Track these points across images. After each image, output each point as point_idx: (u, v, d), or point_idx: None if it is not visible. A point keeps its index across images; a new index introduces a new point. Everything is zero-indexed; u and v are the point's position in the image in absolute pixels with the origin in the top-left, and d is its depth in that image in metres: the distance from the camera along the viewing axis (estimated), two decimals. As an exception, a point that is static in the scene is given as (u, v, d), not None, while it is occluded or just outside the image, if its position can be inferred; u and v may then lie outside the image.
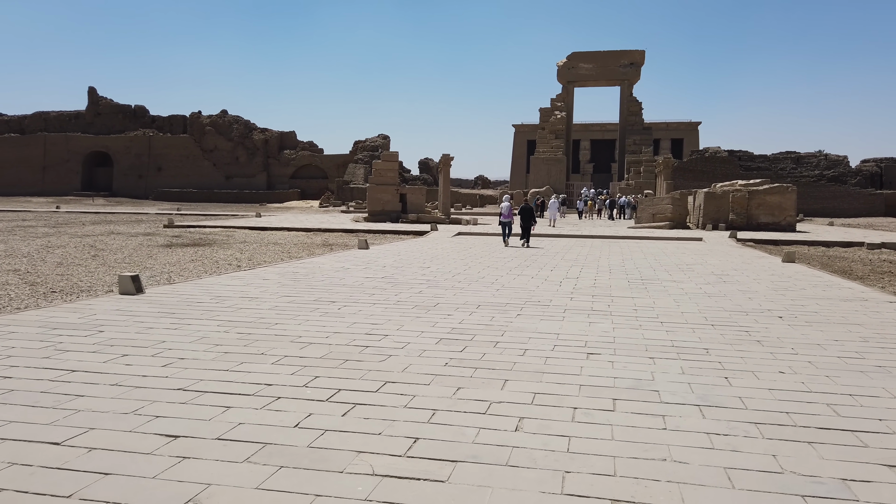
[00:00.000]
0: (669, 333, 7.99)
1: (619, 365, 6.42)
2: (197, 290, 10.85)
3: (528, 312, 9.34)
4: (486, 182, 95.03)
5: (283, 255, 18.73)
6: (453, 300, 10.30)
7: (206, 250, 19.95)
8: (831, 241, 26.33)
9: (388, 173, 38.24)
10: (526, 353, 6.86)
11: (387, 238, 26.96)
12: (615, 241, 25.37)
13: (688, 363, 6.54)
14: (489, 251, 19.90)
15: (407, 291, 11.16)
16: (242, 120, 74.01)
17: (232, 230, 29.70)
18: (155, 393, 5.29)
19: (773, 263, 17.21)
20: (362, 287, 11.60)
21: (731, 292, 11.73)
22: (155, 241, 23.25)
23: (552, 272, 14.55)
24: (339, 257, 17.18)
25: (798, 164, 57.22)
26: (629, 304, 10.21)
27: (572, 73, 64.60)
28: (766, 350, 7.18)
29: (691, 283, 12.89)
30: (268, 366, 6.16)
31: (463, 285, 12.08)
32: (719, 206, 34.07)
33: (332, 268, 14.61)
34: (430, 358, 6.57)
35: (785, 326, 8.59)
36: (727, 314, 9.46)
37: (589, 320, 8.83)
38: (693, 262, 17.44)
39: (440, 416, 4.85)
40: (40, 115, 77.76)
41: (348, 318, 8.68)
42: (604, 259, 17.96)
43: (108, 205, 60.85)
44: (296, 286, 11.54)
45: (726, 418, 4.91)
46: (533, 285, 12.28)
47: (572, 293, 11.35)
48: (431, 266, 15.37)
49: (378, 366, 6.23)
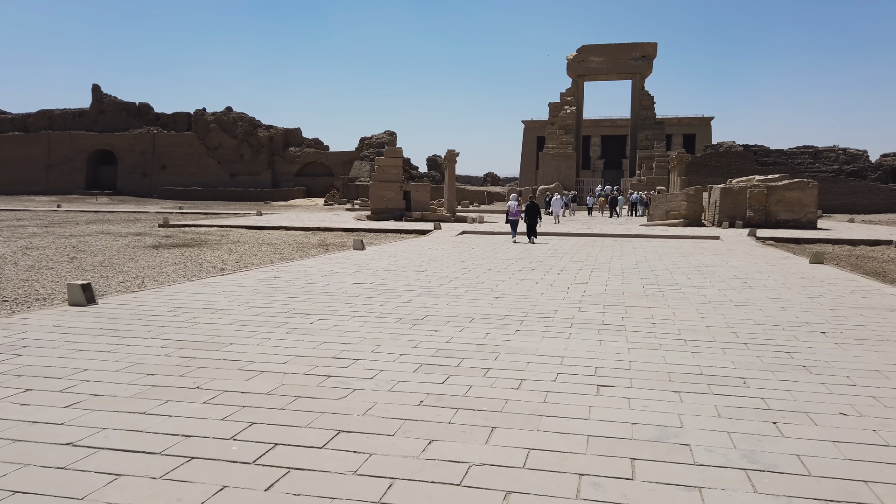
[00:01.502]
0: (696, 356, 6.72)
1: (638, 403, 5.16)
2: (159, 299, 9.67)
3: (528, 327, 8.08)
4: (496, 179, 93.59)
5: (272, 257, 17.57)
6: (445, 312, 9.06)
7: (194, 251, 18.82)
8: (857, 240, 24.88)
9: (391, 170, 37.01)
10: (522, 385, 5.61)
11: (387, 237, 25.75)
12: (627, 241, 24.01)
13: (723, 400, 5.26)
14: (493, 252, 18.63)
15: (394, 301, 9.93)
16: (247, 117, 72.97)
17: (228, 229, 28.62)
18: (32, 450, 4.08)
19: (799, 265, 15.84)
20: (346, 295, 10.39)
21: (760, 300, 10.42)
22: (144, 241, 22.16)
23: (559, 276, 13.27)
24: (331, 259, 15.97)
25: (816, 158, 55.45)
26: (646, 316, 8.93)
27: (582, 67, 62.99)
28: (815, 379, 5.90)
29: (714, 289, 11.57)
30: (197, 406, 4.94)
31: (459, 293, 10.83)
32: (736, 203, 32.60)
33: (318, 272, 13.41)
34: (403, 393, 5.34)
35: (831, 345, 7.29)
36: (760, 329, 8.16)
37: (599, 337, 7.56)
38: (713, 263, 16.10)
39: (397, 492, 3.61)
40: (44, 112, 77.05)
41: (319, 335, 7.46)
42: (616, 260, 16.65)
43: (111, 203, 60.01)
44: (271, 294, 10.34)
45: (785, 491, 3.65)
46: (537, 292, 11.02)
47: (580, 302, 10.09)
48: (428, 269, 14.14)
49: (335, 406, 4.99)
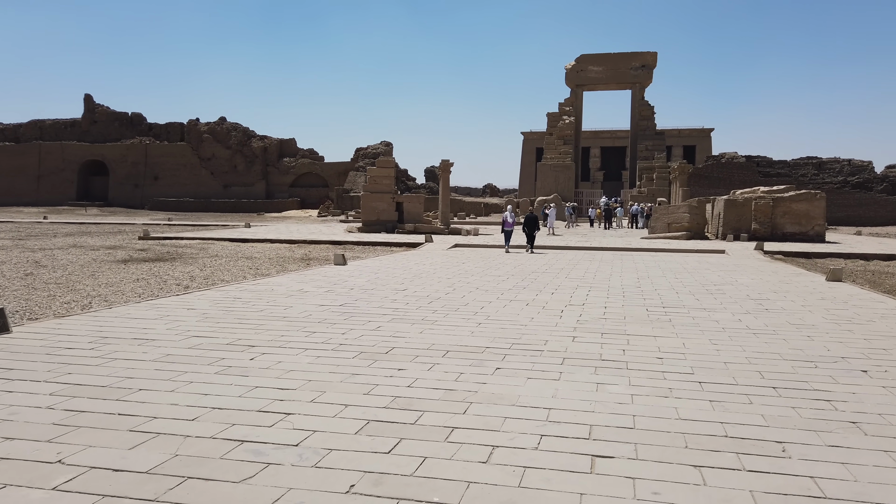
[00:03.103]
0: (716, 407, 5.38)
1: (646, 487, 3.82)
2: (87, 326, 8.34)
3: (511, 364, 6.75)
4: (495, 190, 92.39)
5: (246, 273, 16.26)
6: (416, 342, 7.74)
7: (164, 266, 17.52)
8: (869, 254, 23.57)
9: (383, 180, 35.75)
10: (493, 455, 4.28)
11: (376, 251, 24.44)
12: (628, 255, 22.69)
13: (760, 481, 3.92)
14: (484, 267, 17.30)
15: (360, 327, 8.60)
16: (241, 127, 71.84)
17: (210, 242, 27.33)
18: None
19: (816, 283, 14.53)
20: (307, 321, 9.06)
21: (781, 326, 9.10)
22: (114, 255, 20.85)
23: (553, 296, 11.95)
24: (306, 276, 14.66)
25: (820, 170, 54.24)
26: (651, 348, 7.60)
27: (581, 77, 61.90)
28: (874, 444, 4.57)
29: (726, 313, 10.25)
30: (37, 497, 3.60)
31: (437, 317, 9.51)
32: (741, 215, 31.33)
33: (286, 291, 12.09)
34: (331, 471, 4.00)
35: (878, 390, 5.96)
36: (788, 366, 6.83)
37: (597, 378, 6.24)
38: (721, 281, 14.78)
39: None
40: (35, 123, 75.93)
41: (254, 376, 6.13)
42: (615, 277, 15.33)
43: (101, 215, 58.75)
44: (221, 320, 9.02)
45: None
46: (526, 316, 9.70)
47: (575, 329, 8.76)
48: (409, 288, 12.83)
49: (229, 497, 3.65)
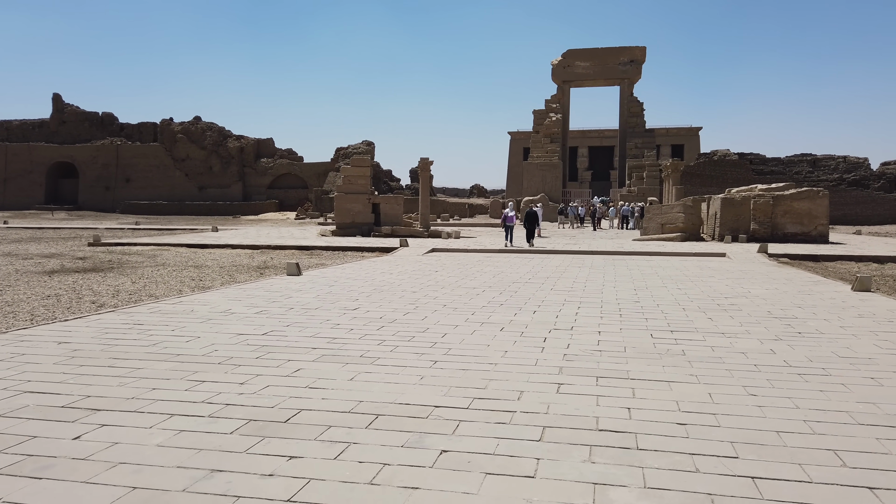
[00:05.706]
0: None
1: None
2: None
3: (463, 444, 4.54)
4: (483, 191, 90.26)
5: (185, 286, 13.96)
6: (337, 398, 5.51)
7: (94, 278, 15.19)
8: (882, 256, 21.60)
9: (358, 180, 33.48)
10: None
11: (345, 257, 22.17)
12: (621, 259, 20.55)
13: None
14: (459, 276, 15.07)
15: (271, 372, 6.36)
16: (216, 127, 69.19)
17: (165, 248, 24.98)
18: None
19: (842, 294, 12.43)
20: (204, 360, 6.81)
21: (831, 361, 6.95)
22: (45, 265, 18.46)
23: (534, 315, 9.75)
24: (244, 291, 12.38)
25: (815, 167, 52.52)
26: (667, 406, 5.41)
27: (568, 72, 59.88)
28: None
29: (752, 340, 8.09)
30: None
31: (382, 352, 7.29)
32: (739, 215, 29.35)
33: (208, 312, 9.82)
34: None
35: None
36: (874, 440, 4.67)
37: (592, 472, 4.03)
38: (731, 291, 12.65)
39: None
40: (2, 123, 72.79)
41: (48, 481, 3.88)
42: (609, 288, 13.16)
43: (67, 219, 55.99)
44: (89, 361, 6.74)
45: None
46: (498, 348, 7.49)
47: (561, 371, 6.56)
48: (363, 305, 10.59)
49: None
